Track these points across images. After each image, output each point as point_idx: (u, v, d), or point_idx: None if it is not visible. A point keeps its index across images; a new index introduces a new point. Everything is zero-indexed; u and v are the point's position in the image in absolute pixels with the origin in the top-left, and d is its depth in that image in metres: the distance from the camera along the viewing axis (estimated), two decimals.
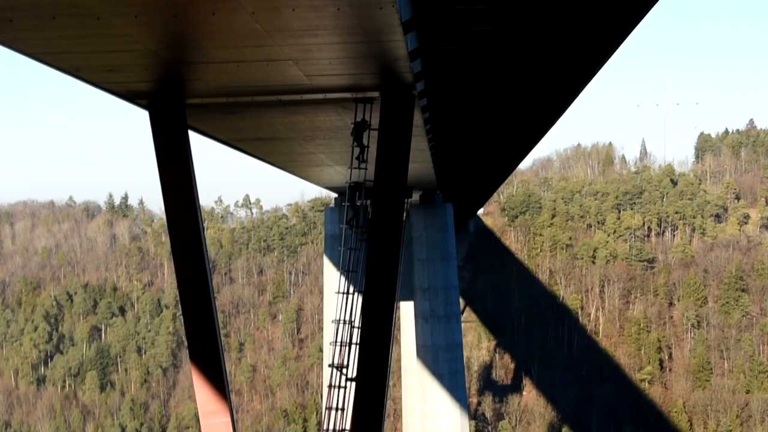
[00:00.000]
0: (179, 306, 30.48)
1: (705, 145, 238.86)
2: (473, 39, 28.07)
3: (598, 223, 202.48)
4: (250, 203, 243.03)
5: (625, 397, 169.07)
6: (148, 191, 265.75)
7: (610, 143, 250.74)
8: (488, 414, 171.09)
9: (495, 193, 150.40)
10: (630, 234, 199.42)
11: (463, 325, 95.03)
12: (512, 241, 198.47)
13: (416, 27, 22.65)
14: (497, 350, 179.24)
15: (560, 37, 29.48)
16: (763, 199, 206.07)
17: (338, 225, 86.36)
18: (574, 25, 27.85)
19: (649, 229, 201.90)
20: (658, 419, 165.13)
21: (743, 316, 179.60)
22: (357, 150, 28.03)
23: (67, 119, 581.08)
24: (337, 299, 29.24)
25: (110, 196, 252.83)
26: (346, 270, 29.09)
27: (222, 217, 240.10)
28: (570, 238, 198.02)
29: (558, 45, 30.82)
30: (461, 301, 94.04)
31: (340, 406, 28.24)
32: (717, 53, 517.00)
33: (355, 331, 27.65)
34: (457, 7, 23.71)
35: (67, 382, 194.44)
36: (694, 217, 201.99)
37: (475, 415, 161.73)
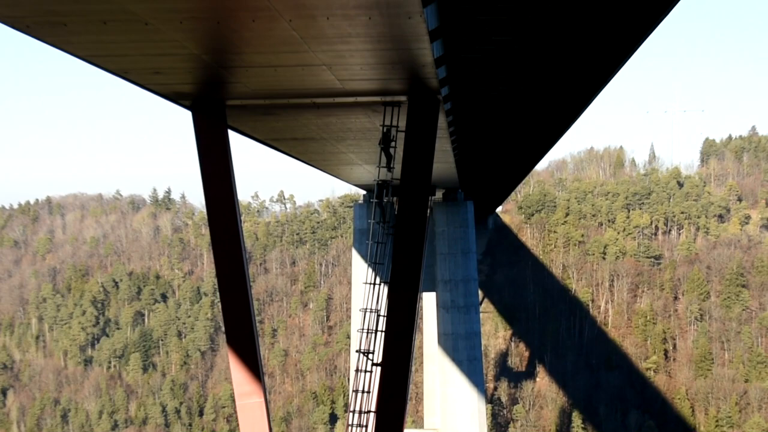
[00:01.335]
0: (217, 294, 30.51)
1: (710, 150, 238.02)
2: (494, 48, 28.01)
3: (609, 221, 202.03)
4: (284, 198, 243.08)
5: (632, 385, 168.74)
6: (189, 186, 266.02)
7: (621, 147, 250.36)
8: (504, 398, 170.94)
9: (513, 192, 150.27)
10: (638, 232, 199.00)
11: (481, 315, 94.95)
12: (528, 237, 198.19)
13: (442, 36, 22.57)
14: (513, 339, 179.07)
15: (575, 46, 29.38)
16: (764, 200, 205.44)
17: (366, 220, 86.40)
18: (588, 36, 27.75)
19: (657, 227, 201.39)
20: (663, 406, 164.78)
21: (743, 310, 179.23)
22: (384, 158, 28.05)
23: (117, 119, 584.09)
24: (364, 289, 29.23)
25: (154, 190, 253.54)
26: (373, 262, 29.06)
27: (258, 211, 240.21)
28: (582, 236, 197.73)
29: (573, 54, 30.72)
30: (480, 293, 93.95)
31: (366, 389, 28.23)
32: (722, 64, 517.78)
33: (381, 319, 27.64)
34: (479, 18, 23.66)
35: (112, 363, 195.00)
36: (698, 217, 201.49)
37: (491, 399, 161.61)
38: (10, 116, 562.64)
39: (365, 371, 28.33)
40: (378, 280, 28.87)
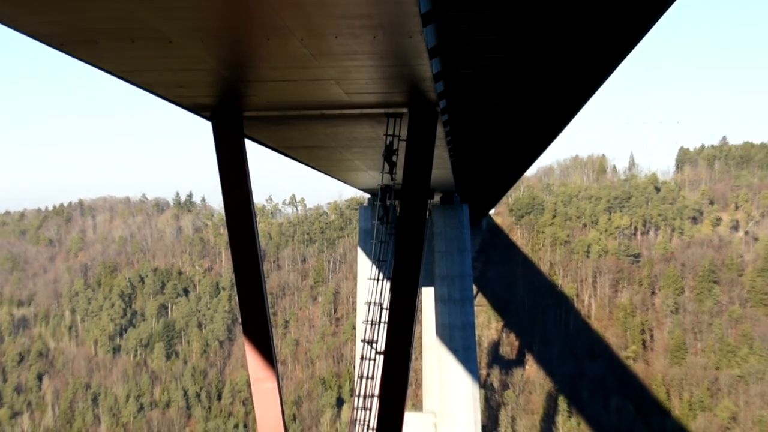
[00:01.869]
0: (234, 288, 30.52)
1: (684, 158, 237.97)
2: (488, 64, 28.02)
3: (592, 223, 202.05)
4: (295, 201, 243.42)
5: (613, 372, 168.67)
6: (209, 190, 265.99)
7: (603, 155, 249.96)
8: (496, 384, 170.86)
9: (504, 196, 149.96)
10: (619, 233, 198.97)
11: (475, 308, 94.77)
12: (518, 237, 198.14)
13: (440, 53, 22.60)
14: (504, 330, 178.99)
15: (562, 63, 29.40)
16: (733, 204, 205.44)
17: (371, 221, 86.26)
18: (574, 54, 27.78)
19: (636, 228, 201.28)
20: (641, 391, 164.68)
21: (714, 304, 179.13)
22: (387, 166, 28.12)
23: (143, 130, 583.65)
24: (368, 284, 29.25)
25: (177, 193, 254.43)
26: (377, 260, 29.07)
27: (272, 213, 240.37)
28: (568, 236, 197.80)
29: (560, 70, 30.73)
30: (474, 288, 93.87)
31: (370, 375, 28.25)
32: (696, 79, 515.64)
33: (384, 311, 27.66)
34: (474, 37, 23.68)
35: (138, 352, 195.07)
36: (674, 219, 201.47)
37: (484, 385, 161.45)
38: (46, 128, 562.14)
39: (369, 359, 28.37)
40: (381, 276, 28.91)
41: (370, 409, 28.17)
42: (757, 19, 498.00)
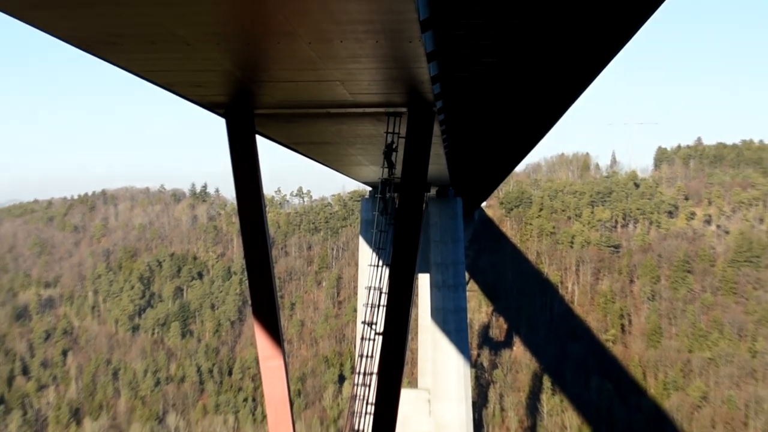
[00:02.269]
0: (245, 273, 30.41)
1: (662, 157, 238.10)
2: (482, 68, 27.98)
3: (576, 215, 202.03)
4: (302, 193, 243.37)
5: (594, 354, 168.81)
6: (222, 182, 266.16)
7: (587, 153, 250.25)
8: (485, 364, 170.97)
9: (495, 190, 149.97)
10: (601, 225, 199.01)
11: (467, 293, 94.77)
12: (508, 228, 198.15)
13: (437, 57, 22.61)
14: (494, 314, 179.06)
15: (550, 67, 29.41)
16: (707, 200, 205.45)
17: (372, 212, 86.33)
18: (561, 59, 27.80)
19: (616, 221, 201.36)
20: (619, 371, 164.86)
21: (688, 291, 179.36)
22: (387, 162, 28.16)
23: (162, 125, 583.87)
24: (369, 270, 29.25)
25: (193, 185, 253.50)
26: (377, 248, 29.08)
27: (280, 203, 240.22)
28: (553, 227, 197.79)
29: (548, 74, 30.74)
30: (466, 274, 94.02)
31: (369, 354, 28.26)
32: (674, 84, 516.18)
33: (383, 295, 27.65)
34: (469, 43, 23.69)
35: (155, 330, 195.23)
36: (651, 213, 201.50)
37: (475, 365, 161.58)
38: (74, 123, 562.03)
39: (369, 339, 28.36)
40: (381, 263, 28.86)
41: (370, 386, 28.19)
42: (728, 27, 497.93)
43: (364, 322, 28.98)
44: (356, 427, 29.57)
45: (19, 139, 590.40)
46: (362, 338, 28.93)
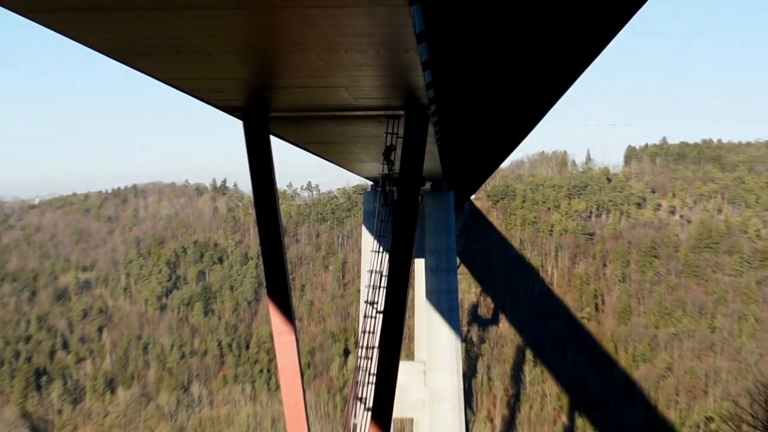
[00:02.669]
0: (260, 258, 30.48)
1: (631, 154, 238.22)
2: (471, 75, 27.96)
3: (555, 206, 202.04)
4: (311, 187, 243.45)
5: (570, 330, 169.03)
6: (240, 177, 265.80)
7: (565, 151, 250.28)
8: (474, 339, 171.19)
9: (483, 184, 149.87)
10: (577, 215, 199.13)
11: (458, 276, 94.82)
12: (494, 218, 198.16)
13: (431, 66, 22.56)
14: (482, 294, 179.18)
15: (532, 74, 29.39)
16: (671, 193, 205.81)
17: (373, 204, 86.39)
18: (543, 67, 27.79)
19: (591, 212, 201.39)
20: (593, 346, 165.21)
21: (654, 274, 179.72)
22: (386, 159, 28.17)
23: (188, 126, 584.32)
24: (371, 256, 29.29)
25: (214, 180, 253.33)
26: (378, 235, 29.09)
27: (291, 196, 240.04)
28: (535, 217, 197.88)
29: (531, 80, 30.73)
30: (457, 259, 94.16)
31: (371, 330, 28.29)
32: (642, 88, 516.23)
33: (383, 278, 27.69)
34: (460, 53, 23.69)
35: (180, 309, 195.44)
36: (622, 205, 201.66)
37: (465, 339, 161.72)
38: (108, 124, 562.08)
39: (371, 317, 28.38)
40: (381, 249, 28.89)
41: (371, 359, 28.23)
42: (689, 38, 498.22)
43: (366, 302, 29.04)
44: (359, 395, 29.66)
45: (55, 138, 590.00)
46: (365, 316, 28.97)
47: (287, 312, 28.26)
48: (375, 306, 28.47)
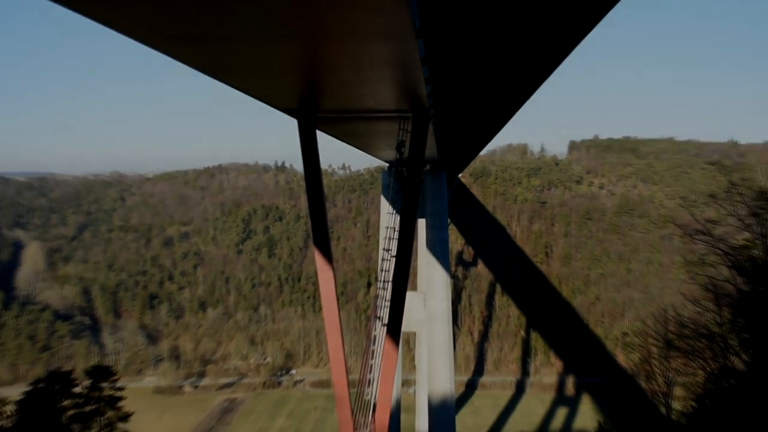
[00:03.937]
0: (309, 217, 30.58)
1: (573, 146, 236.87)
2: (459, 90, 27.89)
3: (518, 183, 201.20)
4: (345, 167, 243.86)
5: (528, 271, 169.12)
6: (295, 159, 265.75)
7: (526, 143, 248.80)
8: (460, 276, 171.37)
9: (467, 166, 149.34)
10: (534, 189, 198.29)
11: (449, 231, 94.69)
12: (475, 190, 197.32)
13: (431, 81, 22.53)
14: (465, 245, 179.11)
15: (503, 83, 29.20)
16: (601, 174, 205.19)
17: (389, 179, 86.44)
18: (512, 75, 27.62)
19: (543, 187, 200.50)
20: (544, 281, 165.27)
21: (588, 231, 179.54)
22: (398, 150, 28.17)
23: (260, 124, 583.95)
24: (387, 217, 29.45)
25: (275, 161, 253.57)
26: (392, 202, 29.26)
27: (331, 173, 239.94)
28: (504, 190, 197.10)
29: (502, 88, 30.53)
30: (448, 219, 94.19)
31: (387, 269, 28.48)
32: (581, 94, 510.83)
33: (396, 232, 27.83)
34: (451, 73, 23.62)
35: (251, 253, 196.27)
36: (566, 182, 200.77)
37: (453, 276, 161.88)
38: (201, 125, 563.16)
39: (387, 260, 28.57)
40: (394, 212, 29.04)
41: (386, 289, 28.45)
42: (619, 44, 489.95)
43: (383, 249, 29.23)
44: (378, 315, 29.95)
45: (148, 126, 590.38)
46: (382, 259, 29.13)
47: (327, 255, 28.43)
48: (389, 252, 28.62)
